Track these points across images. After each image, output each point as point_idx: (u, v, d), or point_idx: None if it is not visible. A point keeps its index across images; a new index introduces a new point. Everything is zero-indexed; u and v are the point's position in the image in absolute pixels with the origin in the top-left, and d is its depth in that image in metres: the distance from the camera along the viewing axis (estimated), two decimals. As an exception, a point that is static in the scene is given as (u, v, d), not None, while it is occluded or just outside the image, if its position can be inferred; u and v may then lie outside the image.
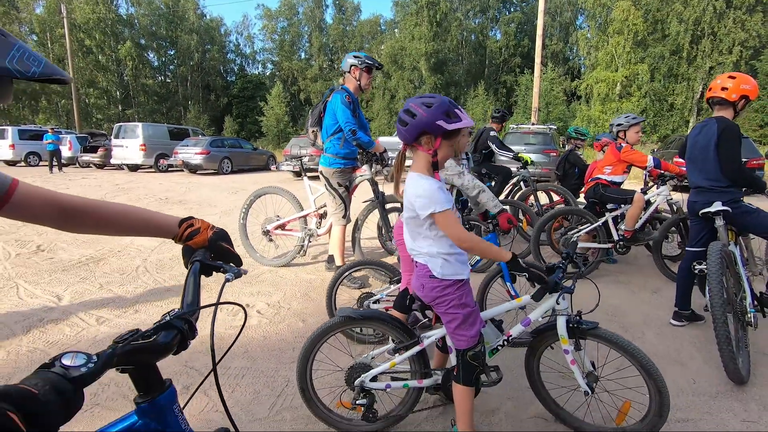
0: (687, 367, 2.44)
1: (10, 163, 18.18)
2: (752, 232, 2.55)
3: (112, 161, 16.21)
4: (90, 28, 33.38)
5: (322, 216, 4.05)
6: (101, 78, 34.78)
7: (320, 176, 3.76)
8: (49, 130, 15.71)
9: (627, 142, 3.79)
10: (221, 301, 0.87)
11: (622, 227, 3.83)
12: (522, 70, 34.48)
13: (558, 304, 1.76)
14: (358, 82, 3.53)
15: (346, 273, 2.66)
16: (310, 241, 4.10)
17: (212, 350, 0.88)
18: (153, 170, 16.06)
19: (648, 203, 3.96)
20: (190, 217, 1.02)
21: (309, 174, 4.49)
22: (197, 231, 0.98)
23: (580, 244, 3.95)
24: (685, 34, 24.60)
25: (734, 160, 2.45)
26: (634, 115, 3.88)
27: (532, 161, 4.84)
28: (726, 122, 2.49)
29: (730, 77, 2.50)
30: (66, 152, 17.36)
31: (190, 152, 15.01)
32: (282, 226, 4.17)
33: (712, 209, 2.48)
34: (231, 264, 0.99)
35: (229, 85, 44.40)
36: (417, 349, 1.82)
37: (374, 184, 3.72)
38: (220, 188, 11.04)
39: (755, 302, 2.53)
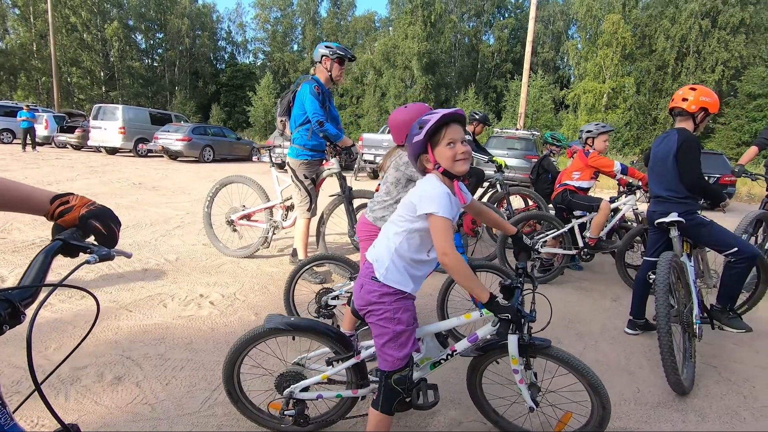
0: (635, 375, 2.44)
1: (-18, 139, 17.56)
2: (705, 244, 2.58)
3: (90, 143, 15.74)
4: (76, 5, 32.46)
5: (289, 208, 3.97)
6: (85, 57, 33.87)
7: (287, 167, 3.68)
8: (24, 107, 15.20)
9: (594, 149, 3.80)
10: (68, 284, 0.78)
11: (587, 234, 3.84)
12: (513, 75, 34.77)
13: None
14: (329, 73, 3.46)
15: (306, 267, 2.59)
16: (274, 233, 4.01)
17: (28, 345, 0.72)
18: (132, 154, 15.68)
19: (616, 211, 4.00)
20: (68, 194, 0.94)
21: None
22: (70, 209, 0.90)
23: (546, 249, 3.96)
24: (671, 51, 25.14)
25: (693, 171, 2.46)
26: (604, 124, 3.91)
27: (506, 165, 4.83)
28: (686, 134, 2.50)
29: (691, 89, 2.51)
30: (42, 131, 16.84)
31: (171, 138, 14.70)
32: (247, 217, 4.08)
33: (667, 219, 2.49)
34: (102, 246, 0.88)
35: (219, 72, 43.70)
36: (353, 361, 1.71)
37: (341, 178, 3.65)
38: (198, 176, 10.82)
39: (703, 314, 2.55)
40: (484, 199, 5.32)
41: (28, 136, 14.60)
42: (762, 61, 23.64)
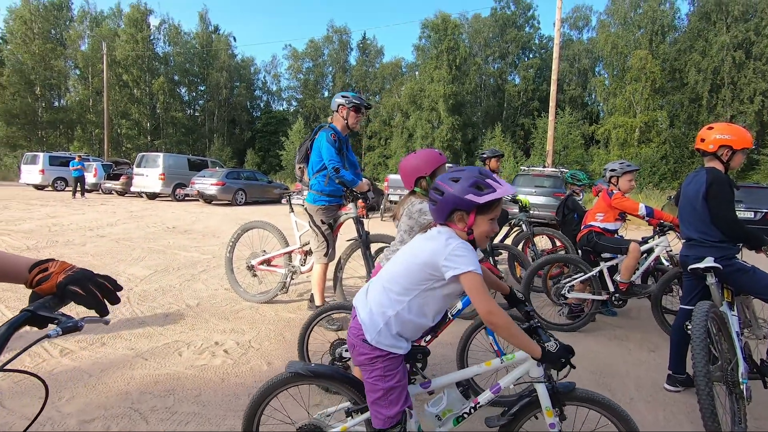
0: (676, 441, 2.19)
1: (39, 187, 19.01)
2: (747, 292, 2.36)
3: (132, 189, 16.74)
4: (128, 64, 35.59)
5: (308, 253, 3.98)
6: (134, 110, 36.68)
7: (305, 213, 3.73)
8: (76, 158, 16.43)
9: (619, 189, 3.65)
10: (11, 368, 0.76)
11: (618, 278, 3.62)
12: (540, 113, 34.80)
13: (533, 369, 1.54)
14: (346, 121, 3.55)
15: (324, 315, 2.53)
16: (293, 278, 4.02)
17: None
18: (170, 199, 16.49)
19: (649, 253, 3.77)
20: (48, 260, 0.95)
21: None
22: (48, 276, 0.91)
23: (574, 295, 3.75)
24: (704, 83, 24.59)
25: (725, 214, 2.29)
26: (629, 163, 3.76)
27: (529, 204, 4.71)
28: (714, 174, 2.35)
29: (708, 128, 2.40)
30: (91, 179, 18.05)
31: (206, 183, 15.40)
32: (267, 262, 4.11)
33: (701, 265, 2.30)
34: (71, 318, 0.86)
35: (254, 119, 46.12)
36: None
37: (359, 223, 3.65)
38: (228, 219, 11.18)
39: (752, 370, 2.30)
40: (509, 240, 5.18)
41: (79, 184, 15.67)
42: (805, 90, 22.68)
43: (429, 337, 2.25)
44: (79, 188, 15.71)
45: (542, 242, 5.79)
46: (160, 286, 4.53)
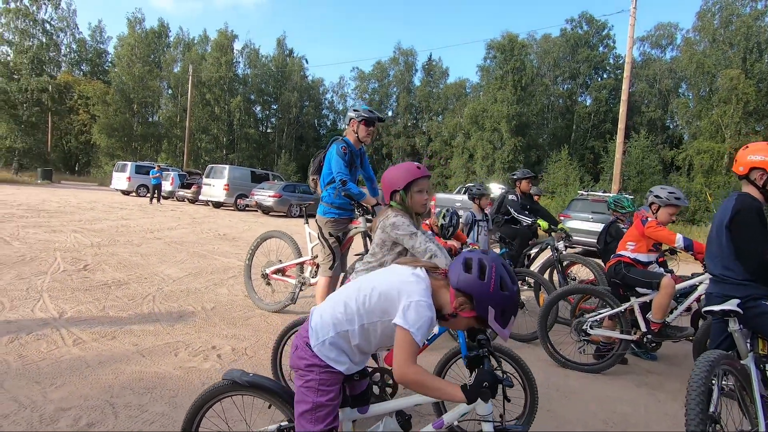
0: None
1: (125, 192, 21.21)
2: None
3: (201, 197, 18.13)
4: (212, 85, 39.05)
5: (318, 265, 3.98)
6: (214, 126, 40.01)
7: (315, 224, 3.75)
8: (155, 167, 18.16)
9: (656, 218, 3.23)
10: None
11: (650, 317, 3.18)
12: (612, 136, 32.63)
13: (480, 406, 1.39)
14: (357, 134, 3.55)
15: (295, 330, 2.49)
16: (302, 289, 4.03)
17: None
18: (232, 208, 17.59)
19: (694, 290, 3.28)
20: None
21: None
22: None
23: (598, 332, 3.36)
24: (811, 105, 21.60)
25: (750, 247, 1.92)
26: (679, 195, 3.27)
27: (553, 228, 4.34)
28: (743, 201, 2.00)
29: (745, 148, 2.04)
30: (168, 187, 19.81)
31: (264, 194, 16.25)
32: (281, 271, 4.17)
33: (717, 308, 1.93)
34: None
35: (320, 137, 48.21)
36: None
37: (367, 238, 3.59)
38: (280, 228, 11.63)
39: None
40: (535, 264, 4.82)
41: (156, 191, 17.27)
42: None
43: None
44: (156, 195, 17.30)
45: (583, 271, 5.32)
46: (187, 287, 4.77)
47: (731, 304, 1.92)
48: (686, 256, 4.54)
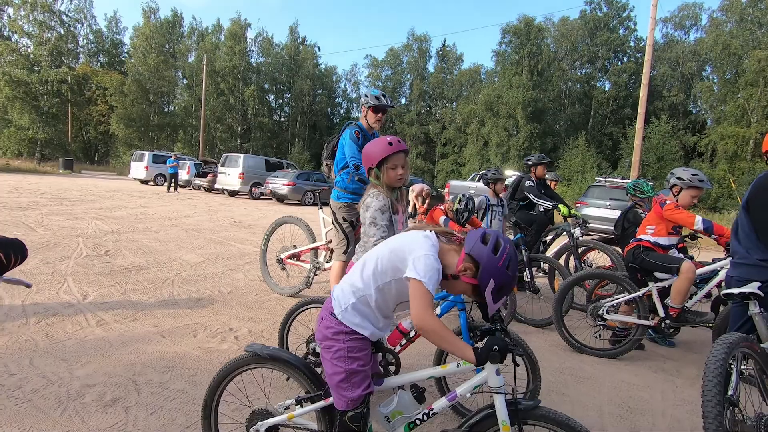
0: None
1: (143, 181, 21.59)
2: None
3: (216, 186, 18.36)
4: (226, 74, 39.21)
5: (332, 250, 4.01)
6: (228, 115, 40.29)
7: (329, 210, 3.76)
8: (172, 156, 18.43)
9: (677, 200, 3.15)
10: None
11: (669, 302, 3.13)
12: (631, 121, 31.82)
13: (492, 377, 1.43)
14: (366, 120, 3.53)
15: (304, 307, 2.53)
16: (316, 274, 4.07)
17: None
18: (247, 196, 17.78)
19: (714, 275, 3.21)
20: None
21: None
22: None
23: (614, 317, 3.32)
24: None
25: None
26: (702, 176, 3.18)
27: (572, 213, 4.28)
28: (763, 179, 1.93)
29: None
30: (184, 175, 20.11)
31: (279, 183, 16.37)
32: (295, 256, 4.22)
33: (736, 290, 1.89)
34: None
35: (334, 125, 48.16)
36: (322, 404, 1.62)
37: (380, 223, 3.59)
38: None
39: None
40: (551, 250, 4.76)
41: (173, 180, 17.54)
42: None
43: (404, 341, 2.13)
44: (173, 184, 17.57)
45: (601, 258, 5.25)
46: (204, 272, 4.86)
47: (752, 287, 1.87)
48: (708, 242, 4.44)
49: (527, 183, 4.58)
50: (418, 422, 1.56)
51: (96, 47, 44.70)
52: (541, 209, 4.50)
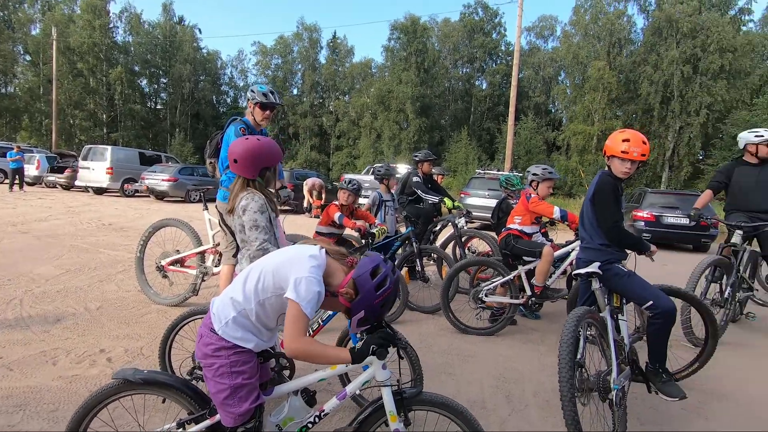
0: (557, 450, 2.15)
1: (-26, 179, 17.69)
2: (623, 296, 2.36)
3: (78, 183, 15.86)
4: (84, 52, 33.75)
5: (221, 253, 3.78)
6: (90, 100, 34.86)
7: (216, 210, 3.53)
8: (14, 148, 15.39)
9: (537, 194, 3.65)
10: None
11: (534, 281, 3.62)
12: (505, 118, 35.48)
13: (379, 372, 1.52)
14: (254, 117, 3.37)
15: (188, 319, 2.35)
16: (204, 280, 3.80)
17: None
18: (119, 194, 15.71)
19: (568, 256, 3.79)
20: None
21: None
22: None
23: (492, 298, 3.72)
24: (656, 95, 25.72)
25: (607, 218, 2.29)
26: (551, 170, 3.77)
27: (455, 205, 4.67)
28: (602, 178, 2.35)
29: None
30: (33, 171, 16.98)
31: (157, 178, 14.76)
32: (179, 262, 3.88)
33: (582, 271, 2.29)
34: None
35: (220, 115, 44.83)
36: (207, 423, 1.54)
37: (273, 223, 3.48)
38: (177, 216, 10.70)
39: (636, 375, 2.30)
40: (440, 240, 5.15)
41: (17, 177, 14.67)
42: (744, 105, 24.06)
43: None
44: (17, 181, 14.72)
45: (482, 245, 5.80)
46: (65, 287, 4.20)
47: (593, 267, 2.28)
48: (564, 226, 5.21)
49: (414, 179, 4.85)
50: (310, 425, 1.59)
51: None
52: (429, 203, 4.81)
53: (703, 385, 2.91)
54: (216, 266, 3.77)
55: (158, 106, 42.11)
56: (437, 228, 5.15)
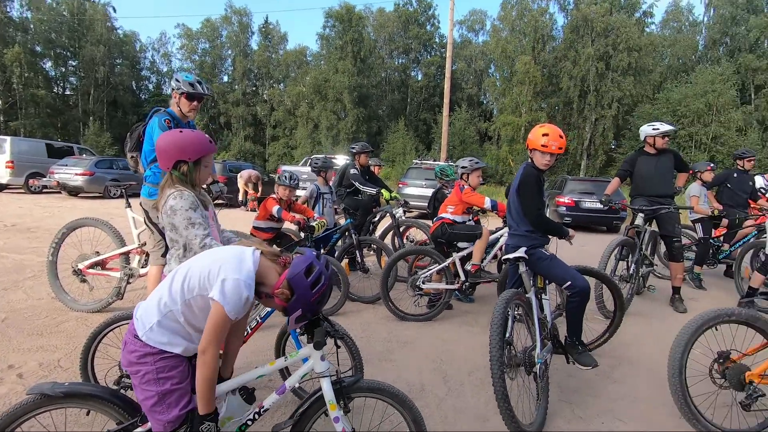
0: (488, 423, 2.32)
1: None
2: (546, 278, 2.59)
3: (-31, 179, 13.91)
4: (-30, 29, 29.47)
5: (148, 254, 3.55)
6: (-20, 84, 30.59)
7: (140, 208, 3.31)
8: None
9: (469, 185, 3.85)
10: None
11: (468, 267, 3.82)
12: (440, 109, 36.48)
13: (317, 364, 1.57)
14: (179, 108, 3.18)
15: (113, 325, 2.21)
16: (129, 282, 3.56)
17: None
18: (23, 191, 14.04)
19: (496, 242, 4.04)
20: None
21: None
22: None
23: (429, 285, 3.87)
24: (575, 89, 27.80)
25: (531, 207, 2.49)
26: (478, 160, 3.99)
27: (393, 196, 4.78)
28: (526, 170, 2.54)
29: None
30: None
31: (70, 173, 13.36)
32: (99, 264, 3.59)
33: (510, 256, 2.48)
34: None
35: (141, 102, 41.42)
36: (139, 431, 1.49)
37: (205, 219, 3.33)
38: (95, 214, 9.80)
39: (557, 348, 2.54)
40: (379, 231, 5.24)
41: None
42: (648, 99, 26.92)
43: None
44: None
45: (419, 234, 5.98)
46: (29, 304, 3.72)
47: (520, 252, 2.47)
48: (493, 215, 5.54)
49: (352, 171, 4.87)
50: (249, 423, 1.60)
51: None
52: (367, 194, 4.86)
53: (613, 352, 3.27)
54: (143, 267, 3.54)
55: (68, 92, 37.96)
56: (376, 219, 5.23)
